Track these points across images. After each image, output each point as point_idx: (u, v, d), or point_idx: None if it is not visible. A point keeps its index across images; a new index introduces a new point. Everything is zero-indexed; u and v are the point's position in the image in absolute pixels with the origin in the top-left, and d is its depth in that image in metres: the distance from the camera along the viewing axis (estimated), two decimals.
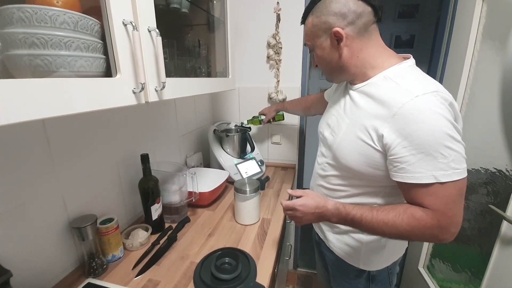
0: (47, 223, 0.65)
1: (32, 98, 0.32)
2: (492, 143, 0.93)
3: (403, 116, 0.51)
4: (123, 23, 0.44)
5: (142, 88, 0.48)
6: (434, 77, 1.31)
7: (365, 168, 0.61)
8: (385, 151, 0.56)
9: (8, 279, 0.53)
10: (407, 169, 0.52)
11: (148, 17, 0.50)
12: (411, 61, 0.62)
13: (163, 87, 0.55)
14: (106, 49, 0.45)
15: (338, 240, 0.77)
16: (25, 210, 0.60)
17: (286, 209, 0.69)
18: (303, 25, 0.69)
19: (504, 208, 0.81)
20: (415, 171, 0.51)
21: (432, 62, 1.37)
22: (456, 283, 1.10)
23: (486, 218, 0.96)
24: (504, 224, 0.81)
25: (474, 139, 1.02)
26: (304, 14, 0.68)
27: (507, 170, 0.85)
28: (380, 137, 0.55)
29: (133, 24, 0.45)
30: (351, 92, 0.68)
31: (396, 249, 0.75)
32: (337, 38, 0.60)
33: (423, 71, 0.60)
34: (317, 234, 0.89)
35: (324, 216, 0.64)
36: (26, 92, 0.31)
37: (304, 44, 0.70)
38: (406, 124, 0.51)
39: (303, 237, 1.76)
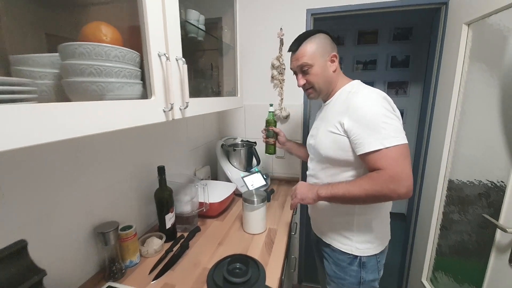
0: (75, 228, 0.72)
1: (94, 117, 0.40)
2: (484, 156, 0.99)
3: (353, 107, 0.75)
4: (158, 55, 0.53)
5: (171, 108, 0.56)
6: (427, 95, 1.41)
7: (338, 153, 0.80)
8: (348, 136, 0.77)
9: (42, 277, 0.58)
10: (362, 142, 0.72)
11: (176, 49, 0.60)
12: (358, 80, 0.88)
13: (187, 106, 0.63)
14: (143, 76, 0.54)
15: (334, 233, 0.91)
16: (57, 216, 0.67)
17: (292, 192, 0.93)
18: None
19: (498, 218, 0.86)
20: (367, 142, 0.71)
21: (426, 81, 1.47)
22: None
23: (483, 230, 1.00)
24: (498, 232, 0.86)
25: (467, 153, 1.09)
26: (299, 41, 0.88)
27: (498, 181, 0.91)
28: (343, 125, 0.77)
29: (166, 55, 0.54)
30: (324, 107, 0.93)
31: (382, 236, 0.88)
32: (332, 59, 0.86)
33: (419, 89, 0.78)
34: (315, 234, 1.02)
35: (314, 187, 0.84)
36: (86, 112, 0.39)
37: (301, 65, 0.86)
38: (355, 112, 0.74)
39: (307, 250, 1.78)
